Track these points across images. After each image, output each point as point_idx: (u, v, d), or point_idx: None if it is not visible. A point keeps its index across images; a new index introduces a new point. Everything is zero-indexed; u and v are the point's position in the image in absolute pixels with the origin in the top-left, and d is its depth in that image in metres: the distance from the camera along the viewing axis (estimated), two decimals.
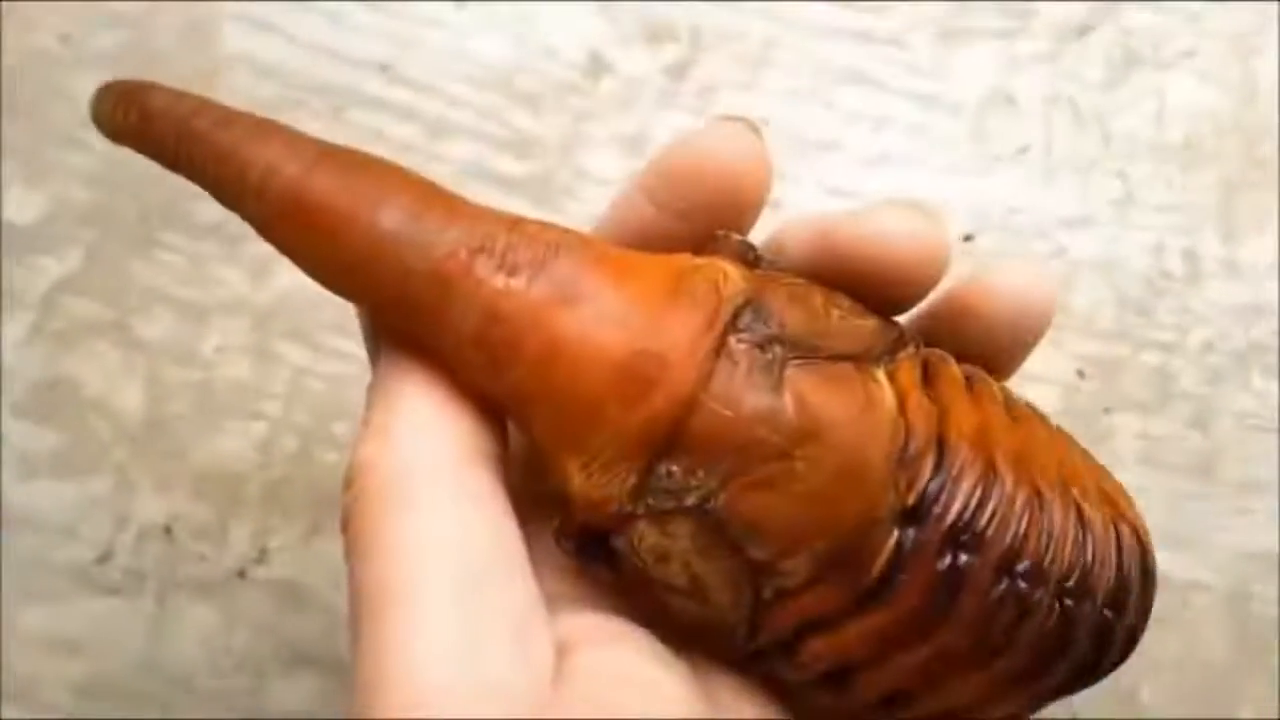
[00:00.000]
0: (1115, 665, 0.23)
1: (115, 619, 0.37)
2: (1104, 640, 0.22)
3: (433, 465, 0.22)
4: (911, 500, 0.21)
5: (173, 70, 0.39)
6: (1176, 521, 0.38)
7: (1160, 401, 0.38)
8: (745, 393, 0.21)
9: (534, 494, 0.24)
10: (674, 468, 0.21)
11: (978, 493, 0.21)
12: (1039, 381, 0.38)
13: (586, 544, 0.23)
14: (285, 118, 0.39)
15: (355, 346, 0.38)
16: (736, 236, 0.23)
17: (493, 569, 0.21)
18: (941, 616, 0.21)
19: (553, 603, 0.23)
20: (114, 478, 0.38)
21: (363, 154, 0.23)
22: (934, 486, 0.21)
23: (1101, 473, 0.24)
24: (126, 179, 0.39)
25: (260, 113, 0.39)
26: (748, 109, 0.39)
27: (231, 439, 0.38)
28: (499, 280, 0.21)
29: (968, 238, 0.39)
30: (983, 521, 0.21)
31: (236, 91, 0.39)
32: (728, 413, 0.21)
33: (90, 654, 0.37)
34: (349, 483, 0.22)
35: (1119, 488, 0.24)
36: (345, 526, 0.22)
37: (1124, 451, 0.38)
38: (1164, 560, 0.37)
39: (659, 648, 0.23)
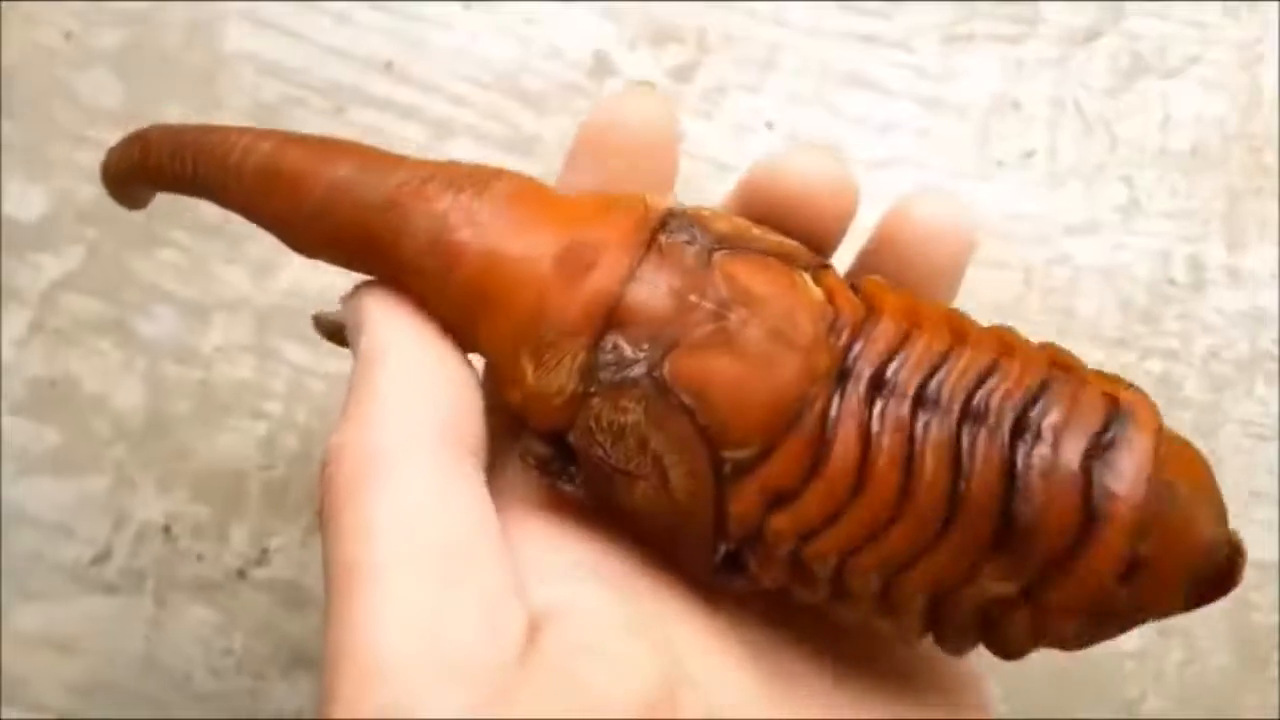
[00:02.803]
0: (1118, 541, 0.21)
1: (113, 619, 0.37)
2: (1067, 485, 0.21)
3: (402, 447, 0.22)
4: (845, 362, 0.22)
5: (176, 67, 0.39)
6: None
7: (1164, 409, 0.38)
8: (677, 271, 0.23)
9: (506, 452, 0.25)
10: (618, 341, 0.22)
11: (895, 344, 0.22)
12: None
13: (551, 458, 0.24)
14: (288, 116, 0.39)
15: None
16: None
17: (461, 547, 0.22)
18: (876, 462, 0.22)
19: (529, 571, 0.23)
20: (113, 476, 0.37)
21: (325, 136, 0.25)
22: (858, 345, 0.22)
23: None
24: None
25: (263, 110, 0.39)
26: (753, 112, 0.39)
27: (232, 438, 0.38)
28: (447, 197, 0.24)
29: None
30: (898, 366, 0.22)
31: (239, 89, 0.39)
32: (662, 287, 0.23)
33: (88, 654, 0.37)
34: (321, 468, 0.23)
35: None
36: (319, 512, 0.22)
37: None
38: None
39: (632, 618, 0.23)
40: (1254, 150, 0.40)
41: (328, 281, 0.38)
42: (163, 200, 0.38)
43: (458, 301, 0.24)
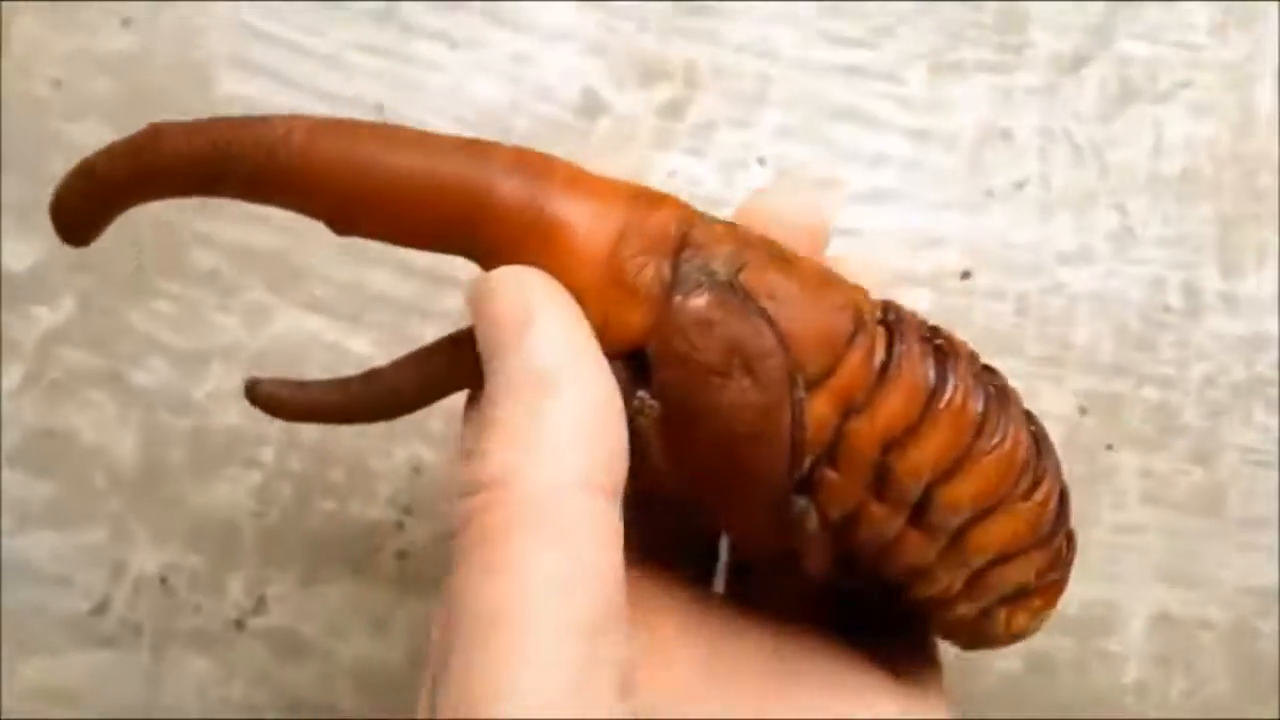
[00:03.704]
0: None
1: (111, 671, 0.37)
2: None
3: (575, 492, 0.21)
4: (882, 315, 0.26)
5: (167, 114, 0.39)
6: (1180, 558, 0.37)
7: (1162, 437, 0.38)
8: (723, 229, 0.25)
9: None
10: (696, 257, 0.25)
11: (918, 318, 0.26)
12: (1041, 418, 0.38)
13: (625, 384, 0.25)
14: None
15: None
16: None
17: (607, 617, 0.21)
18: (941, 385, 0.25)
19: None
20: (109, 527, 0.37)
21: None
22: (893, 312, 0.26)
23: None
24: (120, 226, 0.38)
25: None
26: (744, 147, 0.39)
27: (227, 487, 0.37)
28: (515, 151, 0.25)
29: (965, 274, 0.39)
30: (939, 330, 0.26)
31: None
32: (718, 230, 0.25)
33: (87, 706, 0.37)
34: (478, 486, 0.21)
35: None
36: (463, 532, 0.21)
37: (1127, 488, 0.38)
38: (1168, 597, 0.37)
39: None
40: (1247, 174, 0.39)
41: (319, 327, 0.38)
42: (154, 250, 0.39)
43: (532, 240, 0.24)
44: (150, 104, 0.39)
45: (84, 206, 0.26)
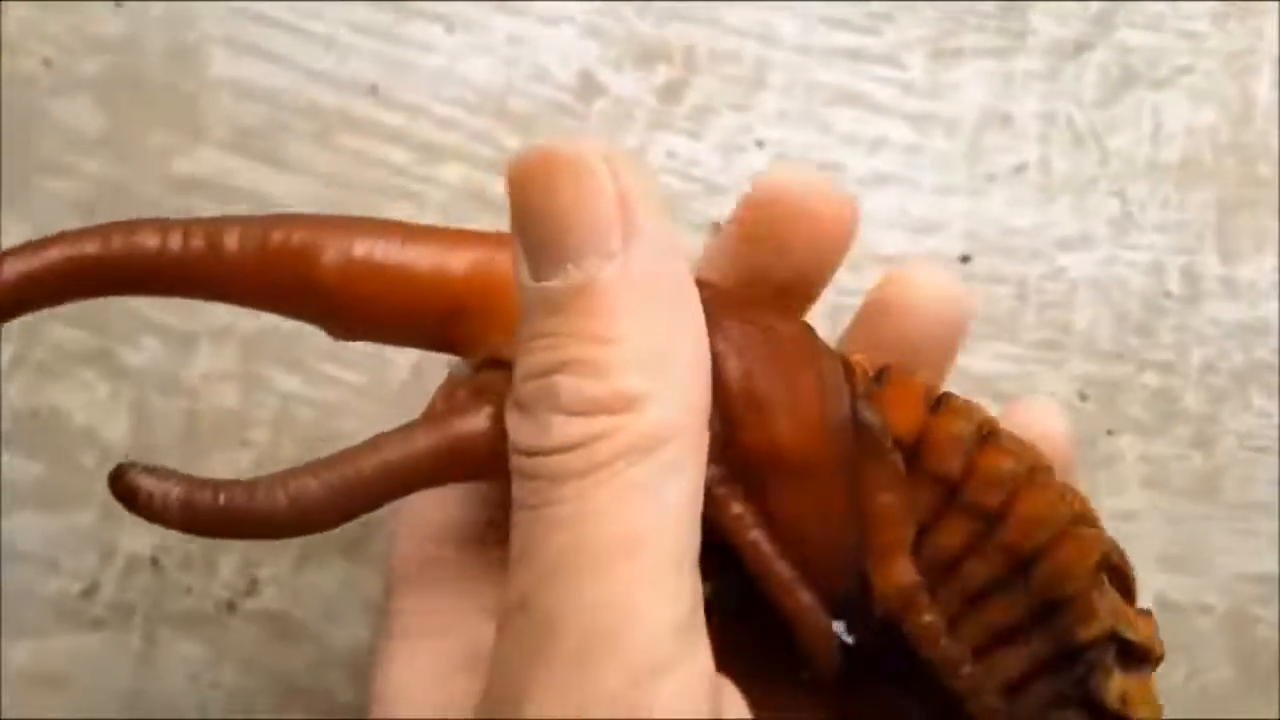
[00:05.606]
0: None
1: (101, 654, 0.36)
2: None
3: (695, 419, 0.20)
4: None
5: (159, 94, 0.39)
6: (1179, 544, 0.37)
7: (1162, 423, 0.38)
8: None
9: None
10: None
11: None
12: None
13: None
14: (272, 140, 0.39)
15: (346, 372, 0.37)
16: None
17: (695, 560, 0.20)
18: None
19: None
20: (99, 508, 0.37)
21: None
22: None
23: None
24: (111, 205, 0.38)
25: (247, 135, 0.38)
26: (743, 130, 0.39)
27: (219, 468, 0.37)
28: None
29: (964, 259, 0.39)
30: None
31: (222, 115, 0.39)
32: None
33: (76, 690, 0.36)
34: (598, 406, 0.19)
35: None
36: (576, 453, 0.19)
37: (1127, 474, 0.37)
38: (1166, 583, 0.37)
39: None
40: (1246, 161, 0.39)
41: None
42: None
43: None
44: (142, 85, 0.39)
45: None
